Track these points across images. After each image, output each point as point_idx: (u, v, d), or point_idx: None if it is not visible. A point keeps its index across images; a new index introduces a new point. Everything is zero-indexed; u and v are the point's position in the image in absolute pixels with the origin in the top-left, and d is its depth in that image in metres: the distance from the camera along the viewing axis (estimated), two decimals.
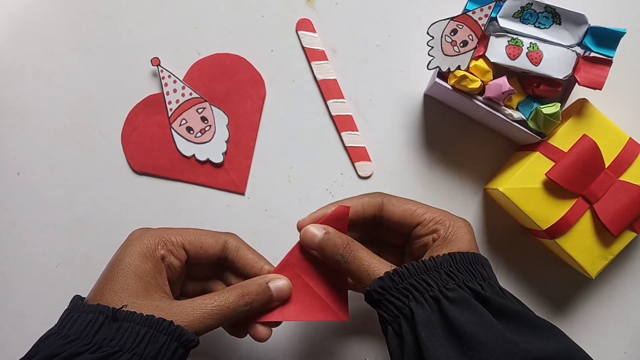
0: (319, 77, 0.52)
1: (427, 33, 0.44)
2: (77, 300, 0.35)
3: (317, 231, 0.38)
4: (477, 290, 0.33)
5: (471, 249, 0.37)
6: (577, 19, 0.44)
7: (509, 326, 0.32)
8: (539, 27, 0.45)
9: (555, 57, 0.44)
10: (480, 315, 0.32)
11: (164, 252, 0.37)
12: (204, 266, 0.41)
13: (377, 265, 0.35)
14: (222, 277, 0.42)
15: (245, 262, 0.39)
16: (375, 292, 0.34)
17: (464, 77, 0.44)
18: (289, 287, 0.39)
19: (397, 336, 0.34)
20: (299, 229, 0.39)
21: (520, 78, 0.47)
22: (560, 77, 0.44)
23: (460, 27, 0.44)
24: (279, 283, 0.38)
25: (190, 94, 0.51)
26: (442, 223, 0.38)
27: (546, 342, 0.32)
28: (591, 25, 0.44)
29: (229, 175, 0.52)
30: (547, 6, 0.44)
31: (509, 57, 0.45)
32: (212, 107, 0.52)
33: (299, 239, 0.40)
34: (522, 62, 0.44)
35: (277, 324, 0.40)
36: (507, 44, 0.45)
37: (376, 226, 0.42)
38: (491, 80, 0.45)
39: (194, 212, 0.52)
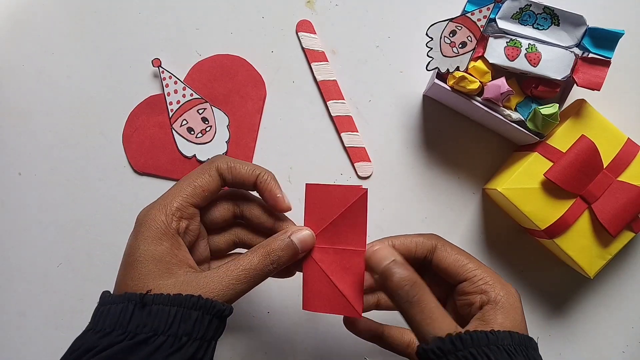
0: (319, 78, 0.52)
1: (426, 34, 0.44)
2: (105, 294, 0.34)
3: (387, 255, 0.35)
4: None
5: (523, 327, 0.35)
6: (575, 20, 0.44)
7: None
8: (537, 28, 0.45)
9: (554, 58, 0.44)
10: None
11: (175, 223, 0.35)
12: (219, 216, 0.40)
13: (441, 320, 0.33)
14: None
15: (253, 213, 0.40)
16: (433, 353, 0.32)
17: (462, 78, 0.44)
18: (311, 236, 0.38)
19: None
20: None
21: (518, 79, 0.47)
22: (559, 78, 0.45)
23: (459, 28, 0.44)
24: (302, 234, 0.37)
25: (191, 94, 0.51)
26: (492, 286, 0.36)
27: None
28: (589, 26, 0.44)
29: None
30: (545, 7, 0.44)
31: (507, 58, 0.45)
32: (212, 107, 0.52)
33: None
34: (521, 63, 0.45)
35: (294, 272, 0.40)
36: (506, 45, 0.45)
37: (421, 272, 0.40)
38: (490, 81, 0.45)
39: None
